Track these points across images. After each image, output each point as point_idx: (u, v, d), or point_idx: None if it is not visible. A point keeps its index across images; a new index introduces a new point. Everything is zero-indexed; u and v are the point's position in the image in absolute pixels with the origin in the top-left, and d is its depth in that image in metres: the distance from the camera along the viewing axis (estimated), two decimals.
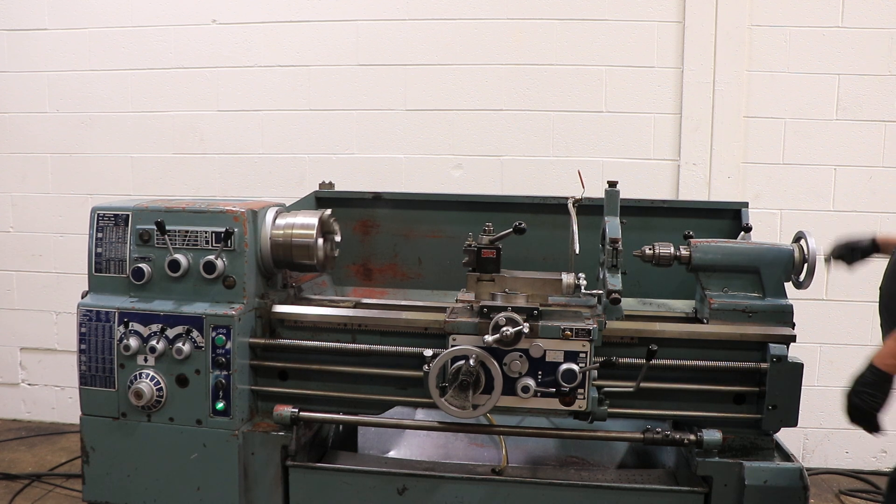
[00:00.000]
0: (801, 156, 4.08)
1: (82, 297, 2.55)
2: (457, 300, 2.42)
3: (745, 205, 2.94)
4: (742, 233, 2.82)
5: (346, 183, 3.55)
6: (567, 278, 2.36)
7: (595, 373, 2.24)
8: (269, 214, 2.59)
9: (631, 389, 2.27)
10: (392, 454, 2.97)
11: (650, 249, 2.52)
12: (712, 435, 2.29)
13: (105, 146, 4.57)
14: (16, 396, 4.86)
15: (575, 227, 2.35)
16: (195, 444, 2.44)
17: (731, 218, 2.96)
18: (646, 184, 4.09)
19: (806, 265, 2.45)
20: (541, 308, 2.25)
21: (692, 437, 2.30)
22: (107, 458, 2.50)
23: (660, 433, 2.33)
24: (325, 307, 2.64)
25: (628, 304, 2.76)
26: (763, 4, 4.02)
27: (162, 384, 2.44)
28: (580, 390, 2.22)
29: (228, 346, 2.41)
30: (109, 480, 2.50)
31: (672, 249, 2.50)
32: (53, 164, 4.64)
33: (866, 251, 2.69)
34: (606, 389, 2.31)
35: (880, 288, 2.40)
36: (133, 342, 2.44)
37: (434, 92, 4.25)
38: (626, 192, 2.56)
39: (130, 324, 2.46)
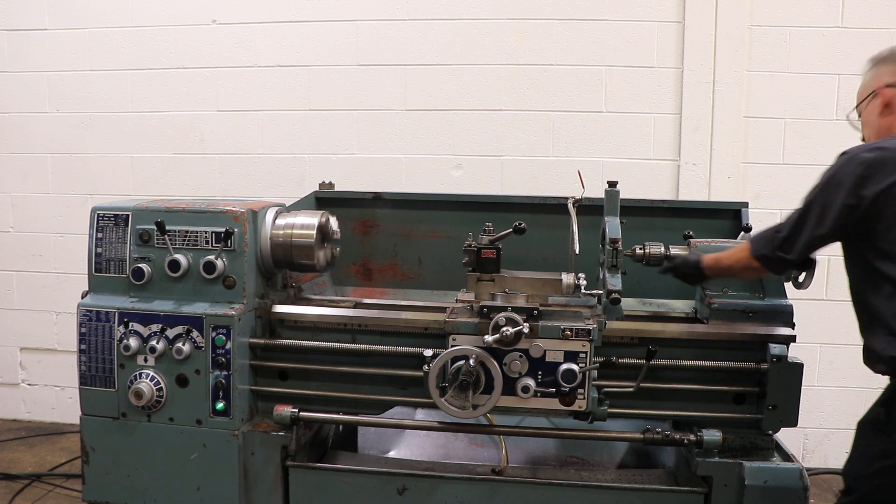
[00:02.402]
0: (801, 156, 4.08)
1: (82, 297, 2.55)
2: (457, 300, 2.42)
3: (745, 205, 2.94)
4: (742, 233, 2.81)
5: (346, 183, 3.55)
6: (567, 278, 2.36)
7: (595, 373, 2.24)
8: (269, 214, 2.59)
9: (631, 389, 2.27)
10: (392, 454, 2.97)
11: (640, 249, 2.52)
12: (712, 435, 2.29)
13: (105, 146, 4.56)
14: (16, 396, 4.86)
15: (575, 227, 2.35)
16: (195, 444, 2.44)
17: (731, 218, 2.96)
18: (646, 184, 4.09)
19: None
20: (541, 308, 2.25)
21: (692, 437, 2.30)
22: (107, 458, 2.50)
23: (660, 433, 2.33)
24: (325, 307, 2.65)
25: (628, 304, 2.76)
26: (763, 4, 4.02)
27: (162, 384, 2.44)
28: (580, 390, 2.22)
29: (228, 346, 2.41)
30: (109, 480, 2.51)
31: (662, 249, 2.50)
32: (53, 164, 4.64)
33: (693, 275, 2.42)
34: (606, 389, 2.31)
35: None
36: (133, 342, 2.44)
37: (434, 92, 4.25)
38: (626, 192, 2.56)
39: (130, 324, 2.46)
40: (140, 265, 2.48)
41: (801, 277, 2.49)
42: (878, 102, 2.12)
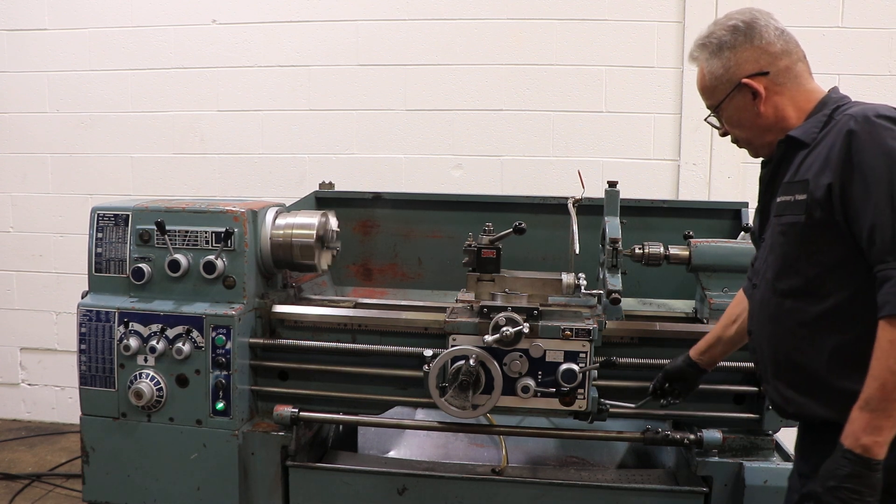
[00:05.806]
0: None
1: (82, 297, 2.55)
2: (457, 300, 2.42)
3: (745, 205, 2.94)
4: (742, 233, 2.82)
5: (346, 183, 3.55)
6: (567, 278, 2.36)
7: (595, 373, 2.24)
8: (269, 214, 2.59)
9: (632, 408, 2.26)
10: (392, 454, 2.97)
11: (640, 249, 2.52)
12: (712, 435, 2.29)
13: (105, 146, 4.56)
14: (16, 396, 4.86)
15: (575, 227, 2.35)
16: (195, 444, 2.44)
17: (731, 218, 2.96)
18: (646, 184, 4.09)
19: None
20: (541, 308, 2.25)
21: (692, 436, 2.31)
22: (107, 458, 2.51)
23: (660, 433, 2.33)
24: (325, 307, 2.65)
25: (628, 304, 2.76)
26: (763, 4, 4.00)
27: (162, 384, 2.44)
28: (580, 390, 2.22)
29: (228, 346, 2.41)
30: (109, 480, 2.51)
31: (662, 249, 2.50)
32: (53, 164, 4.64)
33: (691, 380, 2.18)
34: (611, 409, 2.27)
35: None
36: (133, 342, 2.44)
37: (434, 92, 4.25)
38: (626, 192, 2.56)
39: (130, 324, 2.46)
40: (140, 265, 2.48)
41: None
42: (744, 96, 1.83)
